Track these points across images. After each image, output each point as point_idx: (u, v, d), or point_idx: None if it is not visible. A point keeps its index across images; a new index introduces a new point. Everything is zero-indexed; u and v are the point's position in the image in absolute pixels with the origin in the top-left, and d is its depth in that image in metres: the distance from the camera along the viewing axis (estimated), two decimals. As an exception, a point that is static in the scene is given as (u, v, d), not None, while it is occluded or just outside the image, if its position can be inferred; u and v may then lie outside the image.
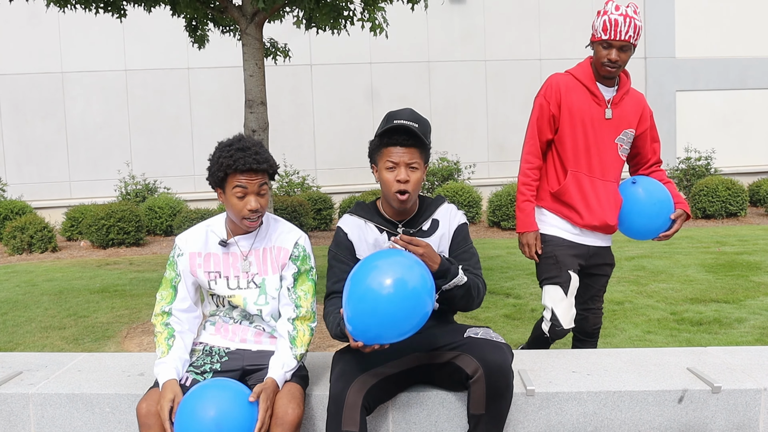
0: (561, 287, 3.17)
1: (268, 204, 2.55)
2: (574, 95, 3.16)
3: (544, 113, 3.19)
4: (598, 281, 3.37)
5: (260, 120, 5.27)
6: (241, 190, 2.45)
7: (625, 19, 3.00)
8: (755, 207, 11.75)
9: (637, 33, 3.04)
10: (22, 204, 10.78)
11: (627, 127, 3.20)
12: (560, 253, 3.20)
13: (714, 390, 2.65)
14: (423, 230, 2.66)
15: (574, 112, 3.15)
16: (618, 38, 3.02)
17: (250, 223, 2.50)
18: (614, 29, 3.01)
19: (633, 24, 3.01)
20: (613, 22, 3.01)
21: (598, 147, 3.16)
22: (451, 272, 2.49)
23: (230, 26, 6.43)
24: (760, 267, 6.93)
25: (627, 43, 3.04)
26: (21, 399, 2.73)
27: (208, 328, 2.68)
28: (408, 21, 11.81)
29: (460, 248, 2.68)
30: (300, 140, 12.72)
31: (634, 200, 3.21)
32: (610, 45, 3.05)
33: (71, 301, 6.26)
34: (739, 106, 13.68)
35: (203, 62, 12.05)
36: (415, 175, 2.52)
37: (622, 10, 3.01)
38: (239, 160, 2.42)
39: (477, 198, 10.57)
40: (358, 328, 2.22)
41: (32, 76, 12.07)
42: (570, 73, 3.22)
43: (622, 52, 3.06)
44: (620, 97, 3.18)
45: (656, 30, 13.33)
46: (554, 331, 3.18)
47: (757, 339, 4.60)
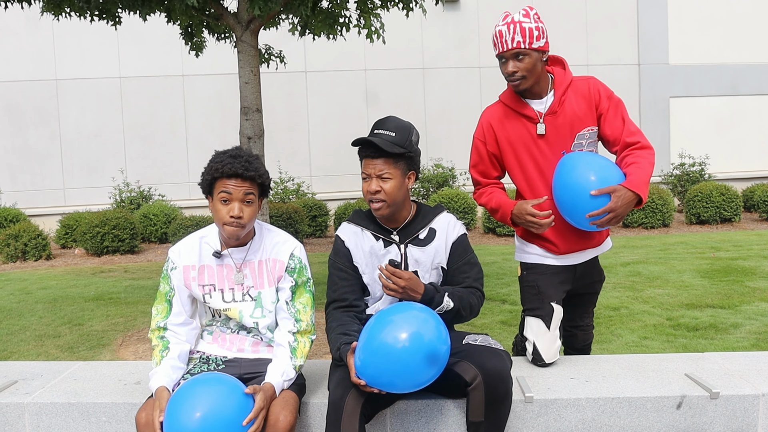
0: (543, 320, 2.95)
1: (255, 216, 2.49)
2: (508, 124, 2.93)
3: (483, 155, 3.00)
4: (589, 299, 3.22)
5: (256, 127, 5.27)
6: (226, 195, 2.42)
7: (509, 26, 2.76)
8: (749, 212, 11.79)
9: (531, 36, 2.75)
10: (16, 212, 10.74)
11: (581, 128, 2.90)
12: (543, 282, 2.98)
13: (712, 396, 2.65)
14: (419, 239, 2.66)
15: (514, 141, 2.92)
16: (505, 48, 2.78)
17: (230, 229, 2.43)
18: (500, 41, 2.79)
19: (519, 28, 2.74)
20: (498, 35, 2.79)
21: (551, 165, 2.90)
22: (435, 300, 2.56)
23: (225, 33, 6.43)
24: (755, 272, 6.94)
25: (518, 50, 2.76)
26: (16, 408, 2.71)
27: (205, 337, 2.67)
28: (403, 27, 11.82)
29: (461, 260, 2.69)
30: (295, 147, 12.71)
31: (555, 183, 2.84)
32: (503, 57, 2.81)
33: (66, 309, 6.23)
34: (733, 112, 13.75)
35: (198, 69, 12.04)
36: (387, 185, 2.55)
37: (508, 18, 2.79)
38: (227, 165, 2.41)
39: (472, 204, 10.57)
40: (370, 377, 2.29)
41: (26, 83, 12.04)
42: (500, 101, 2.99)
43: (517, 61, 2.79)
44: (559, 101, 2.88)
45: (650, 37, 13.40)
46: (537, 364, 2.99)
47: (754, 344, 4.60)
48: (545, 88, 2.90)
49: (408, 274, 2.51)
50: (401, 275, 2.49)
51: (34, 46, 11.96)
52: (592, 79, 2.95)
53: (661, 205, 10.41)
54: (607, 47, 13.23)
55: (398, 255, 2.65)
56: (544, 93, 2.90)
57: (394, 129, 2.57)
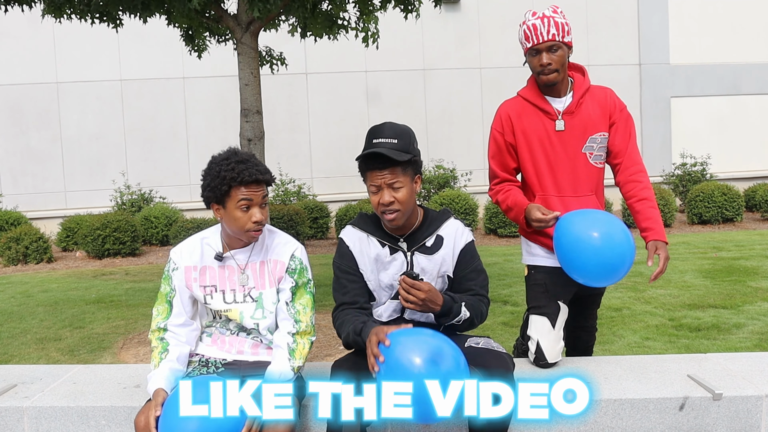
0: (548, 318, 2.96)
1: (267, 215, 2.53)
2: (525, 118, 2.99)
3: (501, 146, 3.05)
4: (593, 300, 3.23)
5: (256, 129, 5.26)
6: (246, 202, 2.43)
7: (543, 20, 2.86)
8: (751, 212, 11.76)
9: (563, 30, 2.88)
10: (17, 215, 10.74)
11: (594, 132, 2.97)
12: (551, 281, 2.99)
13: (715, 397, 2.64)
14: (426, 246, 2.62)
15: (529, 134, 2.98)
16: (541, 40, 2.87)
17: (254, 234, 2.48)
18: (535, 33, 2.87)
19: (553, 22, 2.86)
20: (531, 28, 2.88)
21: (562, 163, 2.96)
22: (454, 311, 2.52)
23: (225, 35, 6.42)
24: (757, 272, 6.92)
25: (554, 42, 2.87)
26: (16, 412, 2.70)
27: (204, 339, 2.66)
28: (403, 29, 11.79)
29: (468, 267, 2.65)
30: (296, 149, 12.70)
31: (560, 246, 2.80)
32: (537, 50, 2.89)
33: (67, 312, 6.22)
34: (734, 112, 13.72)
35: (199, 71, 12.02)
36: (400, 194, 2.48)
37: (539, 13, 2.89)
38: (243, 172, 2.40)
39: (473, 205, 10.55)
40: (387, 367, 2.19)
41: (27, 86, 12.04)
42: (519, 96, 3.07)
43: (552, 53, 2.88)
44: (577, 103, 2.96)
45: (651, 37, 13.38)
46: (539, 364, 2.98)
47: (756, 344, 4.58)
48: (565, 89, 3.00)
49: (428, 286, 2.44)
50: (421, 287, 2.42)
51: (35, 49, 11.96)
52: (609, 90, 3.07)
53: (663, 205, 10.38)
54: (608, 47, 13.20)
55: (404, 263, 2.61)
56: (564, 93, 2.99)
57: (395, 135, 2.50)
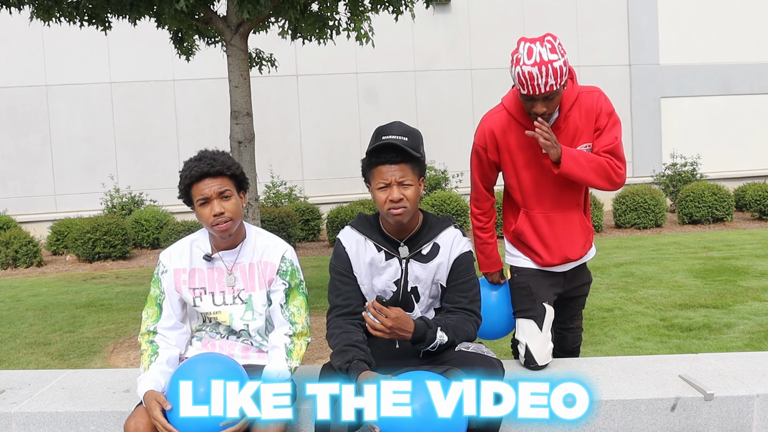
0: (535, 321, 2.97)
1: (240, 209, 2.49)
2: (511, 135, 2.90)
3: (483, 161, 3.00)
4: (577, 301, 3.24)
5: (246, 131, 5.24)
6: (202, 199, 2.44)
7: (540, 68, 2.58)
8: (741, 212, 11.81)
9: (561, 75, 2.63)
10: (6, 218, 10.67)
11: (579, 143, 2.88)
12: (534, 283, 3.00)
13: (707, 397, 2.64)
14: (422, 254, 2.60)
15: (514, 152, 2.91)
16: (537, 92, 2.65)
17: (220, 227, 2.44)
18: (531, 84, 2.63)
19: (551, 70, 2.59)
20: (527, 76, 2.61)
21: (547, 179, 2.90)
22: (428, 337, 2.45)
23: (215, 37, 6.40)
24: (747, 271, 6.95)
25: (550, 92, 2.66)
26: (3, 418, 2.68)
27: (194, 343, 2.65)
28: (394, 30, 11.81)
29: (460, 278, 2.61)
30: (287, 151, 12.67)
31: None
32: (533, 98, 2.70)
33: (57, 316, 6.18)
34: (724, 112, 13.77)
35: (188, 74, 11.96)
36: (408, 192, 2.45)
37: (536, 56, 2.59)
38: (194, 169, 2.44)
39: (465, 207, 10.56)
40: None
41: (16, 89, 11.96)
42: (504, 107, 2.95)
43: (548, 101, 2.70)
44: (564, 117, 2.85)
45: (640, 37, 13.42)
46: (529, 367, 2.99)
47: (747, 344, 4.60)
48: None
49: (396, 312, 2.38)
50: (388, 314, 2.36)
51: (23, 53, 11.87)
52: (597, 93, 2.92)
53: (654, 205, 10.42)
54: (598, 48, 13.24)
55: (399, 270, 2.58)
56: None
57: (404, 133, 2.47)
